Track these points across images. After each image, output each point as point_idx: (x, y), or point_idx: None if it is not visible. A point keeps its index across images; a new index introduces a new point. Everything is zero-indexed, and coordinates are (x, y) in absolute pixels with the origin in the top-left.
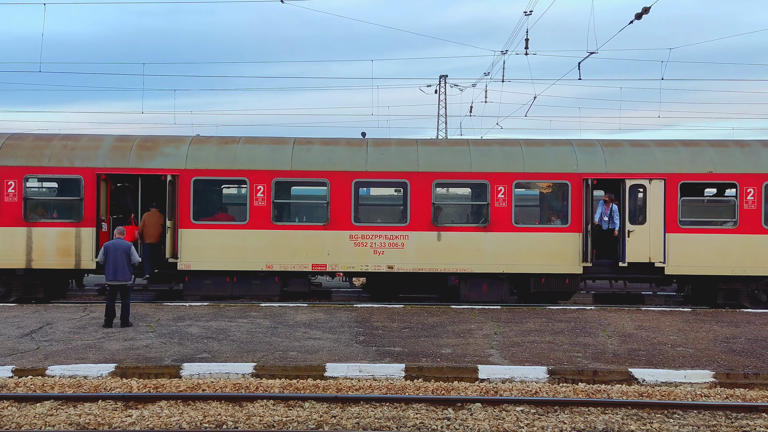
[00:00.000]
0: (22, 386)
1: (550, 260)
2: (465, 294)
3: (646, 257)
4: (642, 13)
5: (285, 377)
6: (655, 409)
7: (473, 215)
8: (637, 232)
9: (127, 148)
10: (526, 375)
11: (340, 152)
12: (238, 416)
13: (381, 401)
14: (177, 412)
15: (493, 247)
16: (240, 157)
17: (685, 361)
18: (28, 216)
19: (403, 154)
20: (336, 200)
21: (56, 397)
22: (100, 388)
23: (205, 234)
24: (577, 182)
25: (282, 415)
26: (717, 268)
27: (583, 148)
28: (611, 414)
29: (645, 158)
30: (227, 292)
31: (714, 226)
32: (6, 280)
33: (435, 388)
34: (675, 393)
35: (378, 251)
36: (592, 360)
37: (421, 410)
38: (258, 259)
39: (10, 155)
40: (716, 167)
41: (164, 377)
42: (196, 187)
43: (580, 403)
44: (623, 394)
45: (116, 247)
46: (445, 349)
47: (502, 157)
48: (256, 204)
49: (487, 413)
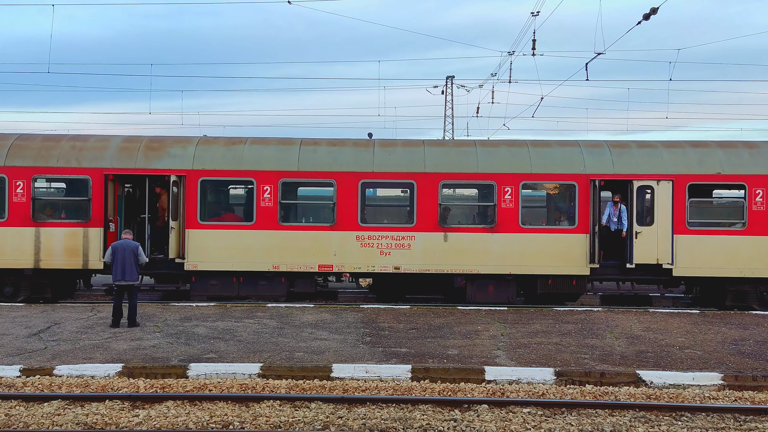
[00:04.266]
0: (29, 386)
1: (557, 261)
2: (471, 295)
3: (653, 259)
4: (650, 13)
5: (291, 378)
6: (663, 411)
7: (480, 216)
8: (645, 233)
9: (135, 148)
10: (532, 376)
11: (346, 153)
12: (244, 417)
13: (387, 402)
14: (184, 412)
15: (500, 248)
16: (247, 158)
17: (694, 363)
18: (36, 216)
19: (410, 155)
20: (343, 201)
21: (64, 397)
22: (107, 388)
23: (212, 234)
24: (584, 183)
25: (288, 416)
26: (725, 270)
27: (591, 149)
28: (619, 416)
29: (653, 159)
30: (234, 292)
31: (722, 228)
32: (14, 280)
33: (441, 389)
34: (683, 395)
35: (384, 252)
36: (600, 362)
37: (427, 411)
38: (264, 260)
39: (19, 156)
40: (724, 168)
41: (171, 377)
42: (203, 187)
43: (587, 405)
44: (631, 396)
45: (124, 247)
46: (452, 350)
47: (509, 157)
48: (263, 204)
49: (494, 415)
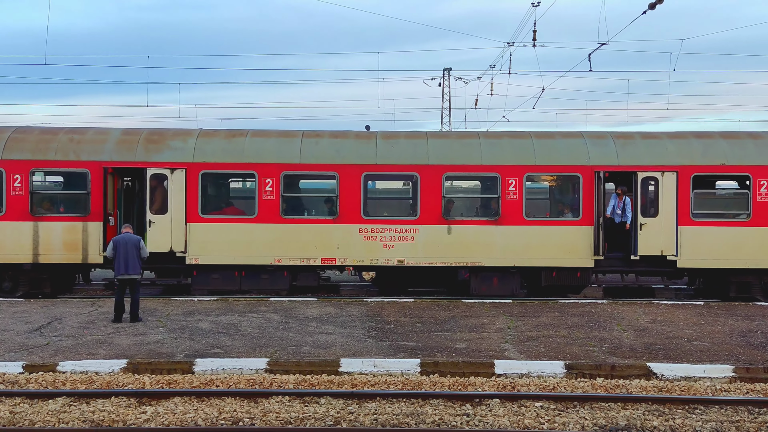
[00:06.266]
0: (33, 382)
1: (561, 254)
2: (475, 288)
3: (658, 250)
4: (656, 2)
5: (299, 373)
6: (676, 404)
7: (484, 208)
8: (649, 225)
9: (134, 141)
10: (543, 370)
11: (349, 145)
12: (253, 413)
13: (398, 397)
14: (192, 408)
15: (504, 240)
16: (248, 151)
17: (703, 356)
18: (34, 210)
19: (413, 147)
20: (345, 194)
21: (68, 394)
22: (112, 384)
23: (214, 228)
24: (588, 175)
25: (298, 411)
26: (730, 261)
27: (595, 140)
28: (632, 410)
29: (657, 150)
30: (236, 286)
31: (727, 219)
32: (13, 275)
33: (452, 383)
34: (695, 388)
35: (388, 245)
36: (609, 354)
37: (439, 406)
38: (267, 254)
39: (16, 149)
40: (729, 159)
41: (177, 373)
42: (203, 180)
43: (599, 398)
44: (642, 389)
45: (126, 241)
46: (460, 344)
47: (513, 149)
48: (265, 198)
49: (506, 409)
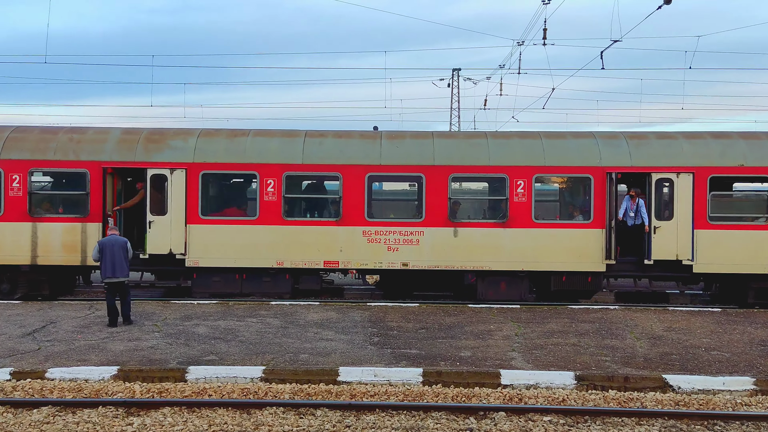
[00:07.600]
0: (20, 390)
1: (571, 257)
2: (482, 292)
3: (673, 254)
4: None
5: (296, 382)
6: (695, 419)
7: (491, 210)
8: (664, 228)
9: (134, 141)
10: (552, 381)
11: (353, 145)
12: (245, 425)
13: (398, 409)
14: (181, 420)
15: (512, 243)
16: (250, 151)
17: (722, 367)
18: (33, 211)
19: (419, 147)
20: (349, 195)
21: (54, 403)
22: (101, 393)
23: (214, 230)
24: (600, 176)
25: (292, 424)
26: (749, 266)
27: (607, 140)
28: (647, 425)
29: (672, 151)
30: (237, 289)
31: (745, 222)
32: (11, 277)
33: (455, 394)
34: (713, 402)
35: (392, 248)
36: (622, 365)
37: (441, 419)
38: (268, 256)
39: (15, 148)
40: (747, 160)
41: (169, 381)
42: (204, 181)
43: (612, 413)
44: (658, 402)
45: (112, 243)
46: (465, 352)
47: (522, 150)
48: (267, 199)
49: (513, 423)
